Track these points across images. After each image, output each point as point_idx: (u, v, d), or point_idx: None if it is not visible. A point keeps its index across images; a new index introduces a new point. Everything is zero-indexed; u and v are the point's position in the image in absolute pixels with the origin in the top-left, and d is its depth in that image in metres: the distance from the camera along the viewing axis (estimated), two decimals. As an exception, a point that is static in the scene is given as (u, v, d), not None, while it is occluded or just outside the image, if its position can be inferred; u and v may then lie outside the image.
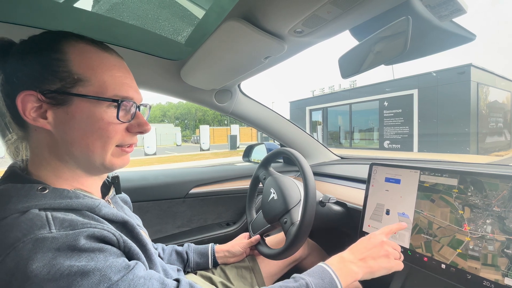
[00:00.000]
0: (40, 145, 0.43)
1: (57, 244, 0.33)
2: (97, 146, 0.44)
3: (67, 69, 0.41)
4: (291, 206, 0.83)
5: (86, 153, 0.44)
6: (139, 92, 0.49)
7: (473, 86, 8.90)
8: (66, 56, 0.42)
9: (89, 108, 0.42)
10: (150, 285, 0.38)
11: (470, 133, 8.89)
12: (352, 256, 0.58)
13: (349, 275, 0.55)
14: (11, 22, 0.71)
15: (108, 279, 0.34)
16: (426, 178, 0.71)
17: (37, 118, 0.41)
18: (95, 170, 0.47)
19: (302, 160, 0.81)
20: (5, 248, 0.32)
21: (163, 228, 1.22)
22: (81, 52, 0.43)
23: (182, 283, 0.45)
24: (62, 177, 0.44)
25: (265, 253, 0.86)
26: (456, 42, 0.64)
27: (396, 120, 10.75)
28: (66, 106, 0.41)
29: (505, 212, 0.56)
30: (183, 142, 33.37)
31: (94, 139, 0.43)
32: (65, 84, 0.41)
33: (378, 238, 0.61)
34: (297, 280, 0.52)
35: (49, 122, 0.41)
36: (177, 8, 0.73)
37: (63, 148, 0.43)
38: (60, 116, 0.41)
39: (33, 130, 0.43)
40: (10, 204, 0.36)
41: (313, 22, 0.61)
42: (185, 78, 1.02)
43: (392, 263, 0.59)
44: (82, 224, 0.37)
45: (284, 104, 38.67)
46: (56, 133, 0.42)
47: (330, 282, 0.52)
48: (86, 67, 0.42)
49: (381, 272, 0.58)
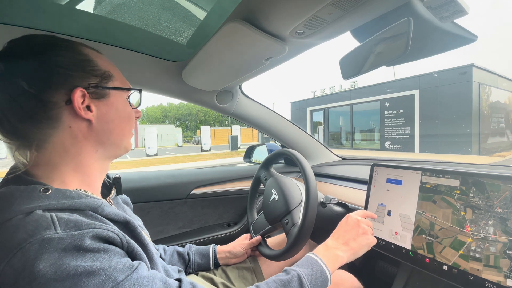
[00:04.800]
0: (71, 139, 0.44)
1: (63, 244, 0.33)
2: (128, 130, 0.52)
3: (98, 67, 0.47)
4: (292, 207, 0.83)
5: (121, 138, 0.51)
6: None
7: (475, 86, 8.87)
8: (90, 57, 0.47)
9: (121, 98, 0.50)
10: (154, 284, 0.39)
11: (472, 134, 8.85)
12: (335, 242, 0.64)
13: (336, 261, 0.60)
14: (13, 24, 0.71)
15: (113, 279, 0.35)
16: (428, 179, 0.71)
17: (86, 111, 0.45)
18: (117, 154, 0.53)
19: (303, 161, 0.81)
20: (12, 249, 0.33)
21: (164, 229, 1.22)
22: (96, 54, 0.49)
23: (184, 282, 0.46)
24: (77, 171, 0.46)
25: (267, 254, 0.86)
26: (458, 43, 0.64)
27: (398, 120, 10.73)
28: (106, 99, 0.48)
29: (507, 213, 0.56)
30: (184, 143, 33.40)
31: (125, 124, 0.51)
32: (101, 79, 0.47)
33: (354, 218, 0.68)
34: (289, 272, 0.55)
35: (93, 115, 0.46)
36: (178, 9, 0.73)
37: (102, 136, 0.48)
38: (102, 108, 0.47)
39: (65, 128, 0.44)
40: (14, 205, 0.37)
41: (314, 23, 0.61)
42: (187, 79, 1.03)
43: (371, 239, 0.66)
44: (87, 224, 0.37)
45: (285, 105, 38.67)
46: (97, 124, 0.47)
47: (319, 270, 0.56)
48: (107, 66, 0.49)
49: (363, 250, 0.65)
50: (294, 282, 0.52)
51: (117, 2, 0.69)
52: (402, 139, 10.59)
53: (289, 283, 0.52)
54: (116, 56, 0.88)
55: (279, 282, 0.52)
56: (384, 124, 11.17)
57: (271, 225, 0.89)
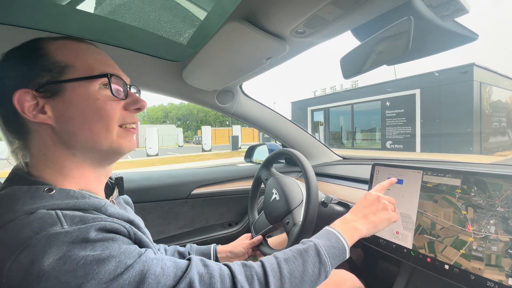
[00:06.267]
0: (43, 145, 0.43)
1: (70, 237, 0.33)
2: (101, 128, 0.44)
3: (51, 60, 0.42)
4: (293, 207, 0.83)
5: (92, 139, 0.44)
6: (124, 74, 0.50)
7: (476, 85, 8.83)
8: (46, 50, 0.43)
9: (83, 91, 0.43)
10: (163, 264, 0.39)
11: (473, 133, 8.82)
12: (354, 216, 0.62)
13: (355, 233, 0.58)
14: (14, 24, 0.71)
15: (123, 264, 0.35)
16: (429, 178, 0.71)
17: (37, 115, 0.42)
18: (102, 159, 0.47)
19: (304, 161, 0.81)
20: (18, 246, 0.32)
21: (165, 228, 1.22)
22: (59, 45, 0.44)
23: (194, 259, 0.44)
24: (69, 175, 0.44)
25: (268, 253, 0.85)
26: (459, 41, 0.64)
27: (398, 120, 10.70)
28: (61, 96, 0.42)
29: (508, 212, 0.56)
30: (185, 143, 33.42)
31: (95, 121, 0.43)
32: (53, 74, 0.42)
33: (374, 195, 0.65)
34: (305, 243, 0.53)
35: (49, 117, 0.42)
36: (179, 9, 0.73)
37: (68, 140, 0.43)
38: (58, 107, 0.42)
39: (34, 132, 0.43)
40: (17, 206, 0.36)
41: (315, 23, 0.61)
42: (187, 79, 1.03)
43: (391, 214, 0.63)
44: (93, 218, 0.37)
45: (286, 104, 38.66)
46: (57, 126, 0.43)
47: (336, 241, 0.54)
48: (68, 55, 0.43)
49: (383, 225, 0.62)
50: (311, 251, 0.51)
51: (118, 2, 0.69)
52: (403, 138, 10.56)
53: (305, 251, 0.50)
54: (116, 56, 0.87)
55: (295, 251, 0.51)
56: (385, 123, 11.15)
57: (272, 224, 0.89)
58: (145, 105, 0.50)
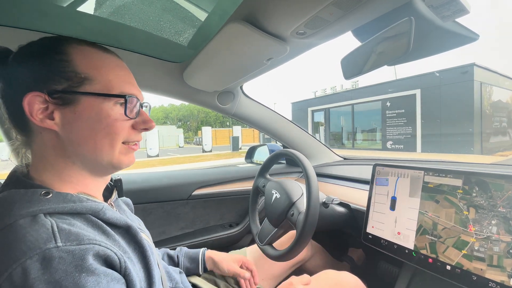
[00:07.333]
0: (45, 148, 0.43)
1: (64, 265, 0.33)
2: (105, 144, 0.44)
3: (72, 69, 0.42)
4: (295, 199, 0.85)
5: (94, 152, 0.44)
6: (140, 91, 0.50)
7: (476, 85, 8.82)
8: (70, 57, 0.42)
9: (96, 105, 0.43)
10: None
11: (474, 133, 8.80)
12: None
13: None
14: (15, 26, 0.71)
15: None
16: (430, 178, 0.71)
17: (44, 119, 0.41)
18: (101, 170, 0.47)
19: (305, 161, 0.81)
20: (12, 263, 0.32)
21: (166, 229, 1.22)
22: (83, 53, 0.44)
23: None
24: (67, 180, 0.44)
25: (274, 255, 0.85)
26: (459, 42, 0.64)
27: (399, 120, 10.69)
28: (74, 106, 0.42)
29: (510, 212, 0.55)
30: (185, 144, 33.40)
31: (101, 136, 0.43)
32: (72, 83, 0.41)
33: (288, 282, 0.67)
34: None
35: (56, 123, 0.42)
36: (179, 10, 0.73)
37: (70, 149, 0.43)
38: (68, 116, 0.42)
39: (37, 134, 0.43)
40: (14, 209, 0.36)
41: (316, 23, 0.61)
42: (188, 80, 1.03)
43: None
44: (88, 239, 0.36)
45: (286, 105, 38.69)
46: (62, 134, 0.42)
47: None
48: (90, 67, 0.43)
49: None
50: None
51: (118, 3, 0.69)
52: (404, 139, 10.55)
53: None
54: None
55: None
56: (386, 124, 11.13)
57: (276, 227, 0.89)
58: (153, 126, 0.50)
